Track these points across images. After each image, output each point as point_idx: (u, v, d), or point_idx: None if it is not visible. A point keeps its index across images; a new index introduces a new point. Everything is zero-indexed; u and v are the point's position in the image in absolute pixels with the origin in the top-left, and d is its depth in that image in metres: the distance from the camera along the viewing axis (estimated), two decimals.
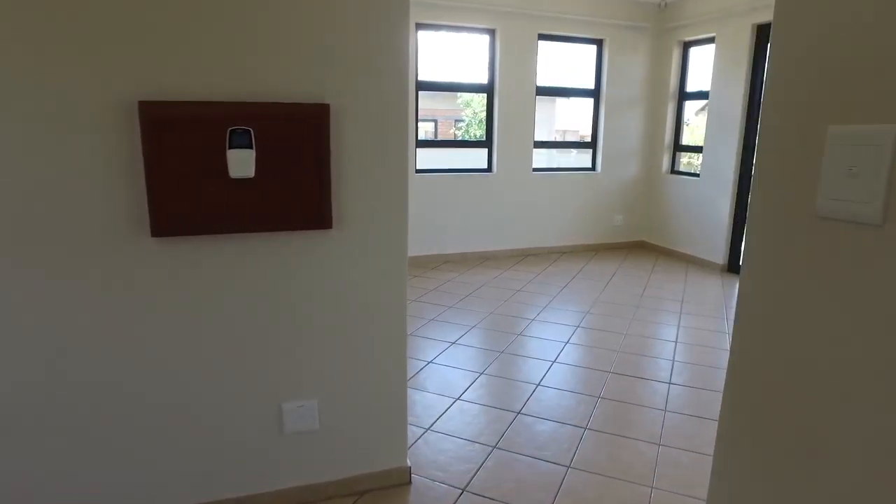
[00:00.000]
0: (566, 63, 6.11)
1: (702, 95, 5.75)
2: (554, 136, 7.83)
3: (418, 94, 5.33)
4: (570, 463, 2.25)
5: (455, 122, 8.54)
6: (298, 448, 1.93)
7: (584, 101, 6.19)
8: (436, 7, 5.13)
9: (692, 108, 6.22)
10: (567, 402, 2.77)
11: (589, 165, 6.29)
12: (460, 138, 7.97)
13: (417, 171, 5.48)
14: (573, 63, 6.12)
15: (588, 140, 6.28)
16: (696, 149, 5.89)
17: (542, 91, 5.82)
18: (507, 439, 2.42)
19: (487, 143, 5.78)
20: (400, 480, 2.09)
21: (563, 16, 5.60)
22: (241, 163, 1.60)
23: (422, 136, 5.77)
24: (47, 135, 1.48)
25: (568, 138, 7.80)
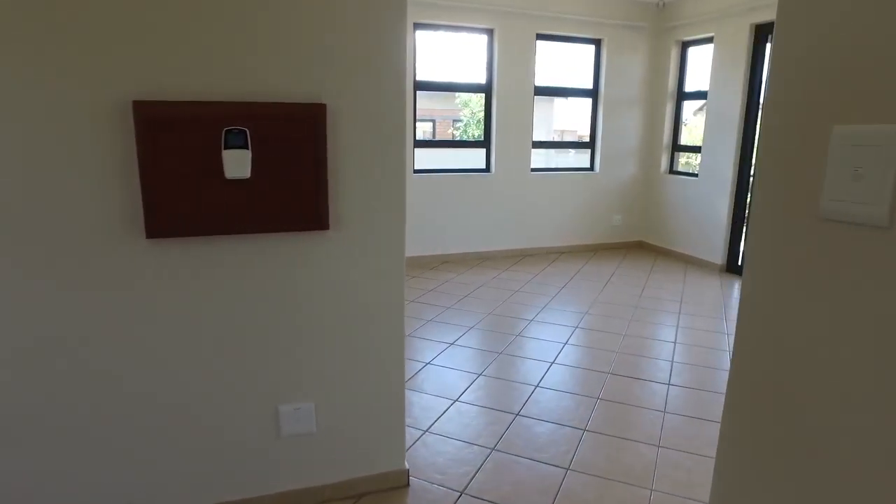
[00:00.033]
0: (564, 63, 6.10)
1: (700, 95, 5.74)
2: (552, 137, 7.82)
3: (416, 93, 5.32)
4: (569, 465, 2.24)
5: (453, 122, 8.53)
6: (295, 451, 1.91)
7: (583, 101, 6.18)
8: (434, 7, 5.12)
9: (690, 108, 6.21)
10: (566, 404, 2.75)
11: (587, 165, 6.28)
12: (458, 138, 7.96)
13: (416, 171, 5.46)
14: (571, 63, 6.11)
15: (586, 140, 6.27)
16: (695, 149, 5.89)
17: (540, 91, 5.81)
18: (506, 441, 2.41)
19: (486, 143, 5.77)
20: (398, 483, 2.07)
21: (561, 15, 5.59)
22: (237, 163, 1.59)
23: (420, 136, 5.76)
24: (41, 135, 1.46)
25: (566, 138, 7.80)
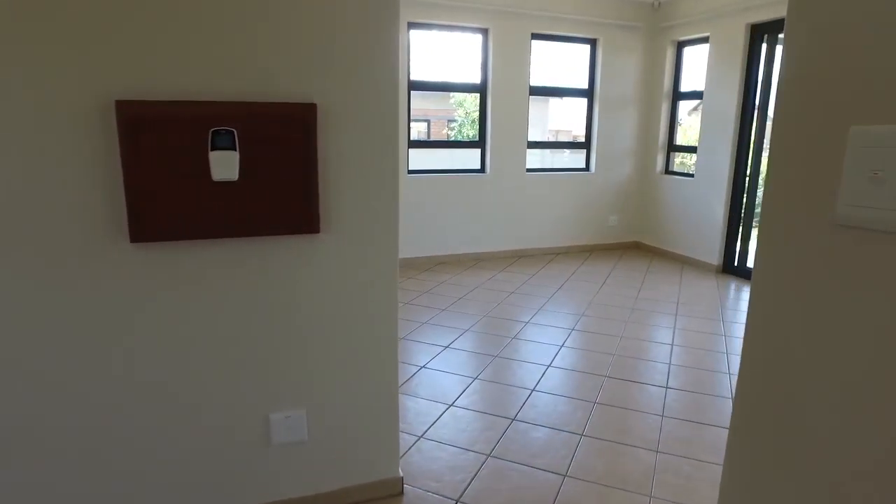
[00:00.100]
0: (560, 63, 6.07)
1: (696, 95, 5.71)
2: (547, 137, 7.79)
3: (411, 93, 5.27)
4: (566, 471, 2.20)
5: (448, 122, 8.49)
6: (287, 460, 1.86)
7: (578, 101, 6.15)
8: (428, 6, 5.07)
9: (686, 108, 6.19)
10: (562, 408, 2.71)
11: (583, 166, 6.25)
12: (453, 139, 7.92)
13: (410, 171, 5.42)
14: (567, 63, 6.07)
15: (582, 140, 6.24)
16: (691, 149, 5.86)
17: (535, 91, 5.77)
18: (502, 447, 2.37)
19: (481, 143, 5.73)
20: (392, 491, 2.03)
21: (556, 15, 5.55)
22: (224, 165, 1.53)
23: (414, 136, 5.71)
24: (19, 135, 1.41)
25: (561, 138, 7.76)
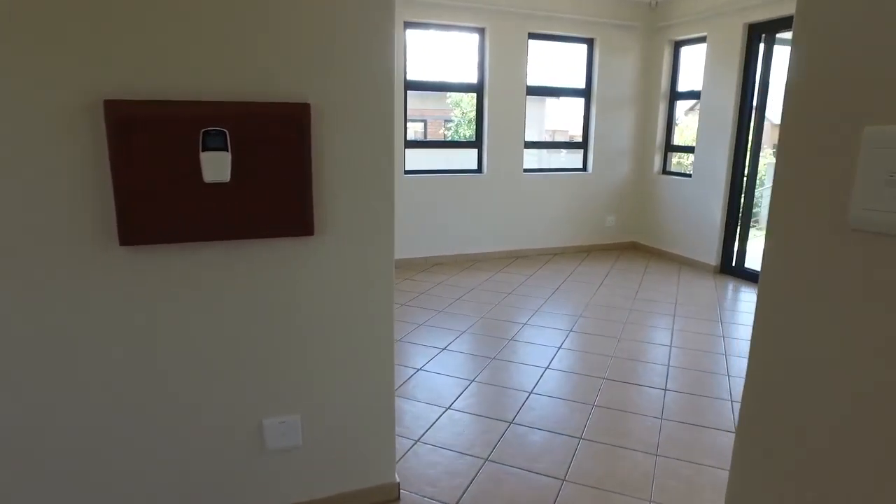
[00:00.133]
0: (557, 62, 6.04)
1: (693, 95, 5.70)
2: (544, 137, 7.78)
3: (407, 93, 5.23)
4: (564, 476, 2.17)
5: (444, 122, 8.47)
6: (281, 465, 1.83)
7: (575, 101, 6.13)
8: (424, 5, 5.04)
9: (683, 108, 6.17)
10: (561, 411, 2.69)
11: (580, 166, 6.23)
12: (450, 139, 7.90)
13: (406, 172, 5.38)
14: (564, 62, 6.05)
15: (578, 140, 6.22)
16: (688, 149, 5.85)
17: (532, 91, 5.74)
18: (500, 451, 2.34)
19: (477, 143, 5.70)
20: (388, 496, 2.00)
21: (553, 15, 5.53)
22: (216, 166, 1.50)
23: (411, 136, 5.68)
24: (4, 136, 1.37)
25: (558, 138, 7.75)
